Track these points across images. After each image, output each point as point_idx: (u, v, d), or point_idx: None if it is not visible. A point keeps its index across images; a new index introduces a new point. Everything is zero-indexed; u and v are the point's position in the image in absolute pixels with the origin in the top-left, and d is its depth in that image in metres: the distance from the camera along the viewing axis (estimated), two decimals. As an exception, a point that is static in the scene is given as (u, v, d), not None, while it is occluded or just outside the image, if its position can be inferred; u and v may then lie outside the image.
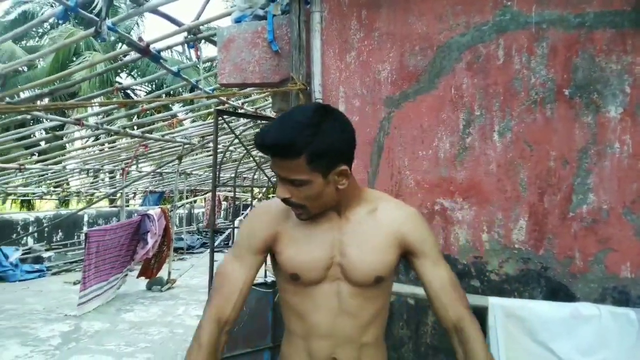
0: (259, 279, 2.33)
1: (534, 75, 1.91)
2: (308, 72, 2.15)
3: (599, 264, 1.82)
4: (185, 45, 4.05)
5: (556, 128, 1.88)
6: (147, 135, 6.49)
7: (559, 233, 1.87)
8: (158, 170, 9.89)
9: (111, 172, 11.65)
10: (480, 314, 1.68)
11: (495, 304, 1.77)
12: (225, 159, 8.27)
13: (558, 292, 1.86)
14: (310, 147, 1.02)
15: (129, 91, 15.16)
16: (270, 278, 2.31)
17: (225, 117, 2.46)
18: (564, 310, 1.70)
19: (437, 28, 2.01)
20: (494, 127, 1.95)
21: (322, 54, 2.13)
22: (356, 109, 2.11)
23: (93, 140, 9.00)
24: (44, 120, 5.90)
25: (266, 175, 2.55)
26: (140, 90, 17.85)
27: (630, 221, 1.80)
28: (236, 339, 2.16)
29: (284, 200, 1.13)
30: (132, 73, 17.11)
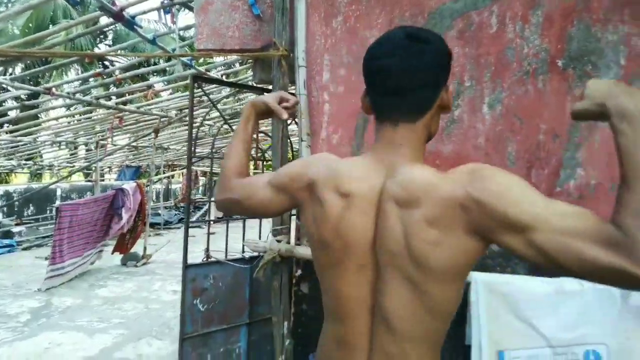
0: (237, 254, 2.25)
1: (527, 45, 1.83)
2: (291, 38, 2.03)
3: (584, 240, 1.80)
4: (161, 10, 3.84)
5: (548, 101, 1.82)
6: (122, 107, 6.22)
7: (546, 209, 1.84)
8: (134, 144, 9.59)
9: (85, 144, 11.29)
10: (463, 290, 1.64)
11: (477, 279, 1.73)
12: (203, 133, 8.06)
13: (541, 268, 1.83)
14: None
15: (107, 62, 14.59)
16: (248, 253, 2.23)
17: (202, 84, 2.32)
18: (547, 286, 1.67)
19: (429, -8, 1.91)
20: (484, 99, 1.88)
21: (306, 18, 2.02)
22: (341, 78, 2.01)
23: (67, 111, 8.66)
24: (11, 88, 5.59)
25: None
26: (120, 62, 17.24)
27: (617, 198, 1.77)
28: (212, 315, 2.08)
29: None
30: (113, 45, 16.48)
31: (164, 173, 13.56)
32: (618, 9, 1.74)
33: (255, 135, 2.47)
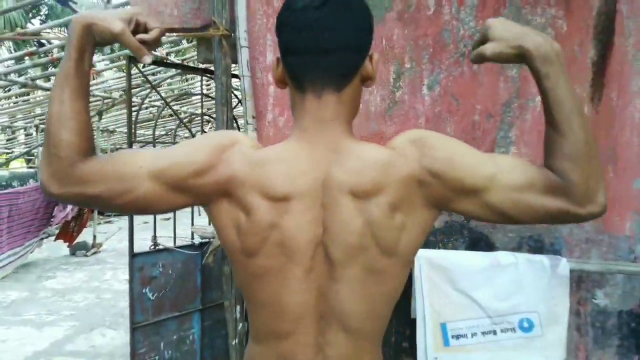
0: (186, 240, 2.22)
1: (463, 27, 1.88)
2: (232, 17, 1.98)
3: (517, 214, 1.91)
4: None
5: (482, 81, 1.89)
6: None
7: (483, 185, 1.93)
8: (77, 128, 9.11)
9: (24, 129, 10.62)
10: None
11: (420, 255, 1.80)
12: (151, 115, 7.78)
13: (479, 242, 1.93)
14: None
15: (43, 40, 13.64)
16: (197, 240, 2.21)
17: (140, 65, 2.23)
18: (484, 259, 1.77)
19: (368, -27, 1.91)
20: (423, 80, 1.93)
21: (246, -4, 1.97)
22: (284, 59, 1.99)
23: (3, 92, 8.07)
24: None
25: (190, 132, 2.38)
26: (58, 40, 16.17)
27: (546, 173, 1.88)
28: (163, 303, 2.06)
29: None
30: (47, 20, 15.41)
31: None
32: (546, -8, 1.82)
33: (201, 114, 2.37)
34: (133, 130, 1.98)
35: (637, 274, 1.73)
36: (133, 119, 2.05)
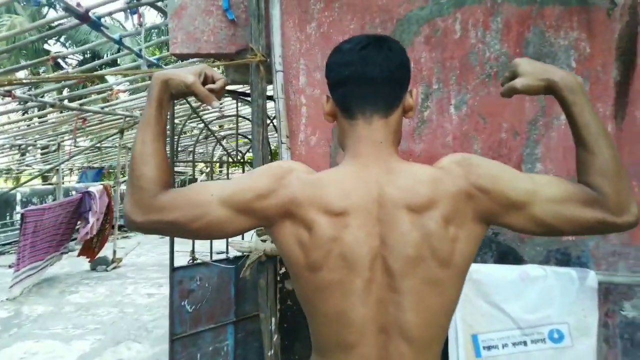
0: (222, 254, 2.31)
1: (489, 50, 1.97)
2: (267, 43, 2.10)
3: (544, 228, 1.97)
4: (127, 11, 3.81)
5: (508, 101, 1.96)
6: (86, 107, 6.09)
7: (509, 201, 1.99)
8: (97, 145, 9.35)
9: (44, 147, 10.89)
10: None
11: (452, 269, 1.86)
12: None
13: (507, 256, 1.99)
14: None
15: (59, 60, 14.06)
16: (232, 253, 2.29)
17: None
18: (513, 272, 1.83)
19: (397, 1, 2.02)
20: (451, 100, 2.01)
21: (281, 24, 2.08)
22: (317, 81, 2.10)
23: (22, 114, 8.33)
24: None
25: (225, 150, 2.48)
26: (72, 59, 16.61)
27: (572, 188, 1.94)
28: (200, 315, 2.14)
29: None
30: (61, 40, 15.84)
31: (129, 173, 13.23)
32: (567, 16, 1.91)
33: (236, 139, 2.54)
34: (176, 145, 2.07)
35: (665, 287, 1.77)
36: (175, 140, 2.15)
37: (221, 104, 7.14)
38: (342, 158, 0.96)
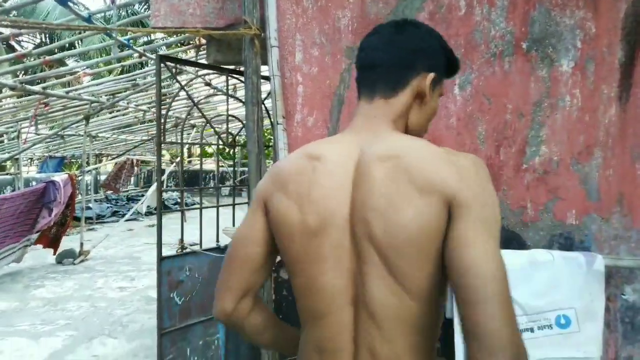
0: (212, 243, 2.17)
1: (494, 28, 1.90)
2: (262, 17, 1.96)
3: (548, 212, 1.93)
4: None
5: (513, 81, 1.91)
6: (49, 91, 5.72)
7: (513, 184, 1.94)
8: (60, 133, 8.89)
9: (1, 134, 10.28)
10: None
11: (457, 255, 1.80)
12: (144, 119, 7.64)
13: (511, 241, 1.95)
14: None
15: (12, 42, 13.25)
16: (223, 242, 2.16)
17: (169, 64, 2.16)
18: (521, 258, 1.78)
19: (400, -27, 1.92)
20: (455, 80, 1.94)
21: (276, -4, 1.94)
22: (315, 59, 1.98)
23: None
24: None
25: (216, 132, 2.32)
26: (28, 41, 15.72)
27: (576, 171, 1.91)
28: (189, 308, 2.01)
29: None
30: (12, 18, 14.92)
31: (95, 163, 12.75)
32: (575, -6, 1.86)
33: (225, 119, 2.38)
34: (163, 127, 1.91)
35: (669, 269, 1.76)
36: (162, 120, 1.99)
37: (190, 87, 6.87)
38: None
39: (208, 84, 3.36)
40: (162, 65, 1.96)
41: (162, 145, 1.93)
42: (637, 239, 1.90)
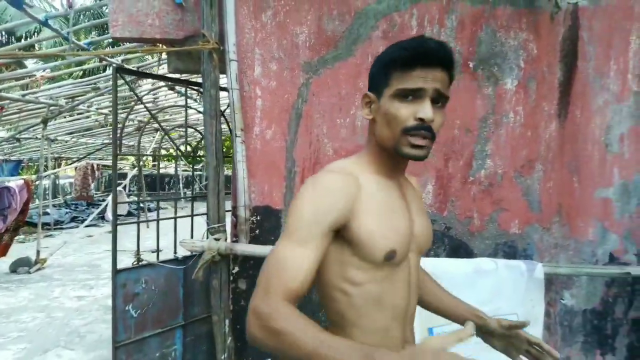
0: (170, 251, 2.16)
1: (444, 47, 2.00)
2: (220, 30, 1.99)
3: (493, 222, 2.04)
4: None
5: (461, 98, 2.01)
6: (4, 94, 5.52)
7: (461, 196, 2.04)
8: (17, 136, 8.55)
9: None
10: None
11: (408, 263, 1.87)
12: (105, 123, 7.46)
13: (459, 250, 2.04)
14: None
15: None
16: (181, 254, 2.16)
17: (126, 76, 2.16)
18: (467, 266, 1.88)
19: (355, -7, 1.99)
20: (407, 96, 2.02)
21: (235, 10, 1.98)
22: (273, 73, 2.02)
23: None
24: None
25: (174, 143, 2.31)
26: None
27: (519, 183, 2.03)
28: (145, 320, 2.00)
29: (420, 128, 0.92)
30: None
31: (54, 168, 12.30)
32: (517, 17, 1.98)
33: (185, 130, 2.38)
34: (120, 139, 1.90)
35: (601, 275, 1.90)
36: (118, 133, 1.97)
37: (156, 93, 6.77)
38: (302, 153, 1.04)
39: (172, 89, 3.34)
40: (119, 76, 1.94)
41: (124, 149, 1.91)
42: (574, 247, 2.03)
